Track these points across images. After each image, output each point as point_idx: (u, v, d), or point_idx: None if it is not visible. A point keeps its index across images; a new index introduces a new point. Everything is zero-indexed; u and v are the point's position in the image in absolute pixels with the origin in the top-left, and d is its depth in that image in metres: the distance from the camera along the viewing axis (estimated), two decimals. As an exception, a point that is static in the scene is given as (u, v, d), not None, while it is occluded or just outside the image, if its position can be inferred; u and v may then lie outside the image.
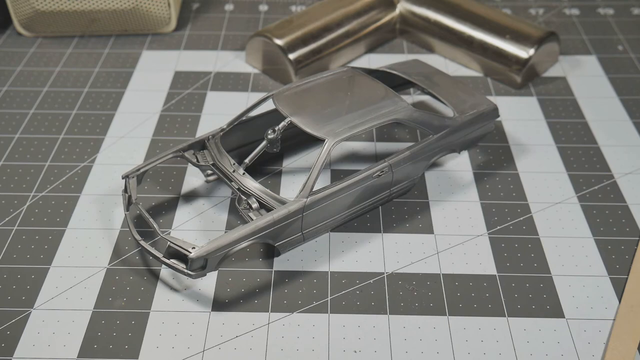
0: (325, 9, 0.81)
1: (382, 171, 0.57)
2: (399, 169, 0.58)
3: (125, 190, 0.57)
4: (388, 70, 0.68)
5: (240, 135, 0.63)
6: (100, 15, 0.83)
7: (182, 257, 0.50)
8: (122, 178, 0.58)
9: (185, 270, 0.50)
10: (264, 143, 0.58)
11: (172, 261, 0.51)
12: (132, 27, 0.86)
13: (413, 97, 0.75)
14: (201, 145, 0.60)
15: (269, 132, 0.57)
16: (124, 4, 0.82)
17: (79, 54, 0.83)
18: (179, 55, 0.83)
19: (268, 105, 0.66)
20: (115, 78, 0.79)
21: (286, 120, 0.57)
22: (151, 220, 0.54)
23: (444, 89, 0.66)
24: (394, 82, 0.69)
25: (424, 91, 0.67)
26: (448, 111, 0.71)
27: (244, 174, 0.56)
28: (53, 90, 0.77)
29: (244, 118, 0.62)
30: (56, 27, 0.85)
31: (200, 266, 0.50)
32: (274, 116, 0.64)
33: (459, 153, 0.66)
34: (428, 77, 0.68)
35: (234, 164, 0.57)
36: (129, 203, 0.56)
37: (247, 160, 0.59)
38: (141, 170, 0.58)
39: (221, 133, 0.60)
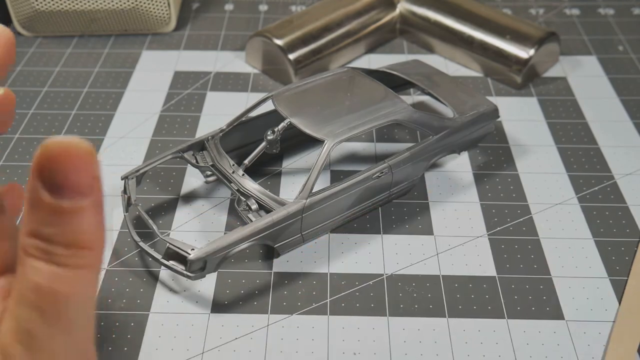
0: (325, 9, 0.81)
1: (382, 172, 0.57)
2: (399, 170, 0.58)
3: (125, 192, 0.57)
4: (388, 71, 0.68)
5: (240, 136, 0.63)
6: (100, 15, 0.83)
7: (182, 259, 0.50)
8: (122, 179, 0.58)
9: (185, 272, 0.50)
10: (263, 144, 0.58)
11: (172, 262, 0.51)
12: (131, 27, 0.86)
13: (413, 97, 0.75)
14: (200, 146, 0.60)
15: (269, 133, 0.57)
16: (124, 4, 0.82)
17: (78, 54, 0.83)
18: (178, 55, 0.83)
19: (267, 106, 0.66)
20: (115, 78, 0.79)
21: (286, 121, 0.57)
22: (150, 221, 0.54)
23: (444, 89, 0.66)
24: (394, 82, 0.69)
25: (424, 91, 0.67)
26: (448, 112, 0.71)
27: (243, 175, 0.56)
28: (53, 90, 0.76)
29: (243, 119, 0.62)
30: (56, 27, 0.85)
31: (199, 267, 0.50)
32: (273, 117, 0.63)
33: (459, 154, 0.66)
34: (428, 78, 0.68)
35: (233, 165, 0.57)
36: (128, 204, 0.56)
37: (246, 162, 0.59)
38: (140, 171, 0.58)
39: (220, 134, 0.60)
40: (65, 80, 0.78)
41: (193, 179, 0.64)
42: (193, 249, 0.49)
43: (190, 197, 0.62)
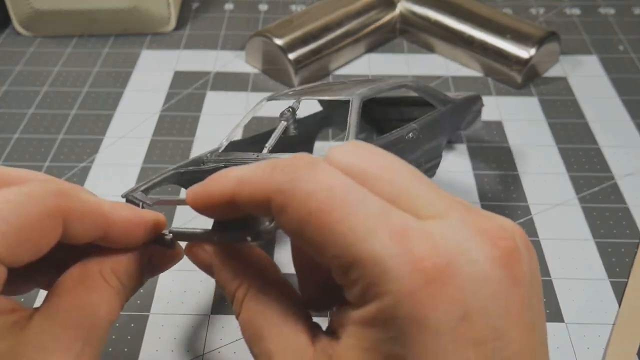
0: (325, 9, 0.81)
1: (413, 133, 0.53)
2: (426, 135, 0.54)
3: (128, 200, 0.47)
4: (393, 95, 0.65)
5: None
6: (100, 14, 0.83)
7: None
8: (122, 197, 0.48)
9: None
10: (281, 125, 0.53)
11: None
12: (131, 27, 0.86)
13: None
14: (200, 163, 0.53)
15: (284, 112, 0.53)
16: (124, 4, 0.82)
17: (78, 54, 0.83)
18: (178, 55, 0.83)
19: (252, 131, 0.62)
20: (115, 78, 0.79)
21: (300, 98, 0.54)
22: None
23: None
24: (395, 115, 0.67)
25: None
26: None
27: (270, 152, 0.51)
28: (52, 90, 0.76)
29: (237, 138, 0.57)
30: (56, 26, 0.85)
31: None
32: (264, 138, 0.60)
33: (465, 130, 0.62)
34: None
35: (256, 155, 0.51)
36: None
37: (267, 145, 0.52)
38: (140, 189, 0.49)
39: (219, 150, 0.54)
40: (65, 80, 0.78)
41: (193, 180, 0.64)
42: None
43: (190, 198, 0.62)
